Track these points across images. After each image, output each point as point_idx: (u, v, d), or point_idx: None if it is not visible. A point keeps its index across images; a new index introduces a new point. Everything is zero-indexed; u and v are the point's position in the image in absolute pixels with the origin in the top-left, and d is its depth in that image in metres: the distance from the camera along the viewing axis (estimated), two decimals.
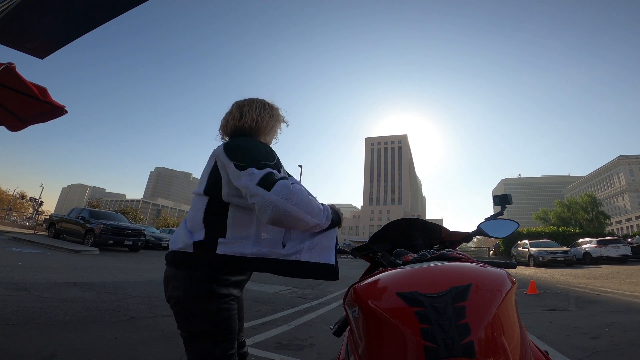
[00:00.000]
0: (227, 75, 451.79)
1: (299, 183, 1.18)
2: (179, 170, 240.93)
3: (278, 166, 1.17)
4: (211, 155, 1.26)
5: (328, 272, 1.16)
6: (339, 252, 1.56)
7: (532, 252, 16.00)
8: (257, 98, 1.43)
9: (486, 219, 1.32)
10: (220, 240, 1.17)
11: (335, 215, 1.21)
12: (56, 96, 3.63)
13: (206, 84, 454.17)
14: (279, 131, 1.48)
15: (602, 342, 3.35)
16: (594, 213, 41.26)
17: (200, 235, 1.19)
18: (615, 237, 19.08)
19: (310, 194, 1.14)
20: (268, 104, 1.42)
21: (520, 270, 13.24)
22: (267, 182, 1.05)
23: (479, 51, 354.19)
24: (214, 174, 1.22)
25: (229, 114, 1.38)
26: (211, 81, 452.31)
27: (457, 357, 0.62)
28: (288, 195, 1.03)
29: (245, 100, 1.41)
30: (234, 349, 1.18)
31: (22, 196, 50.56)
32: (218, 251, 1.15)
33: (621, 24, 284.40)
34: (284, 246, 1.15)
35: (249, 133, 1.34)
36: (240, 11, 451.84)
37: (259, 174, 1.08)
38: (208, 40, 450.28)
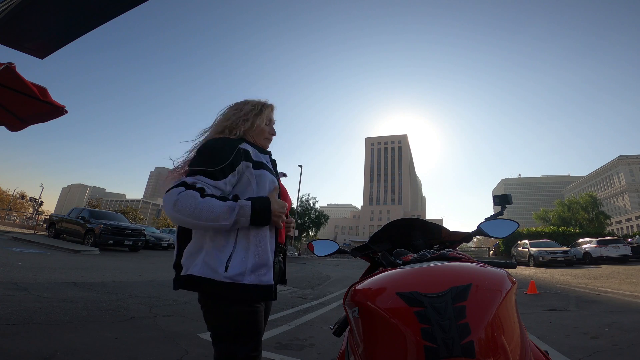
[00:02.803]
0: (228, 77, 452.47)
1: (211, 186, 1.14)
2: None
3: (223, 169, 1.16)
4: None
5: (266, 293, 1.17)
6: (339, 252, 1.57)
7: (532, 252, 15.99)
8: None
9: (486, 219, 1.31)
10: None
11: (257, 214, 1.14)
12: (56, 96, 3.63)
13: (207, 86, 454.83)
14: (260, 118, 1.42)
15: (602, 342, 3.35)
16: (594, 213, 41.25)
17: None
18: (615, 237, 19.07)
19: (211, 198, 1.10)
20: (239, 102, 1.45)
21: (520, 270, 13.24)
22: (170, 190, 1.12)
23: (480, 52, 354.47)
24: None
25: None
26: (212, 83, 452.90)
27: (457, 357, 0.62)
28: (172, 202, 1.09)
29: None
30: (257, 351, 1.18)
31: (22, 196, 50.64)
32: (182, 273, 1.21)
33: (622, 25, 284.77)
34: (226, 269, 1.13)
35: (221, 131, 1.36)
36: (242, 14, 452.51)
37: (176, 183, 1.14)
38: (208, 43, 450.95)
